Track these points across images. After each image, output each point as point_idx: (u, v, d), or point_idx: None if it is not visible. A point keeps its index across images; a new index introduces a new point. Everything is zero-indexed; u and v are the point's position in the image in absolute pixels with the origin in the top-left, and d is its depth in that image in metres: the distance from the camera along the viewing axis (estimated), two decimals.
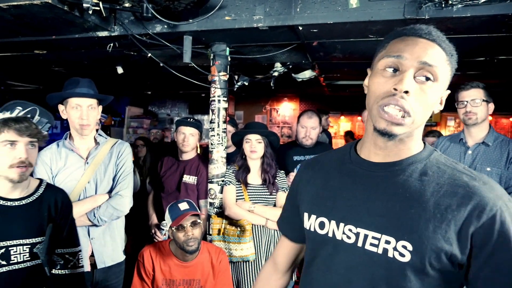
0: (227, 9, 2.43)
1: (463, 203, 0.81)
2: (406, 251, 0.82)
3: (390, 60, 0.86)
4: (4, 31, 2.71)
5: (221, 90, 2.84)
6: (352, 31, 2.53)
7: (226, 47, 2.87)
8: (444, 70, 0.86)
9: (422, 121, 0.87)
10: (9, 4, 2.08)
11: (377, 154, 0.93)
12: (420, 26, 0.88)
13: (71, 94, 2.03)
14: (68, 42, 2.94)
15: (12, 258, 1.47)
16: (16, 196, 1.53)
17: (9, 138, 1.43)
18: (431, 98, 0.85)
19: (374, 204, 0.89)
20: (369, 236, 0.87)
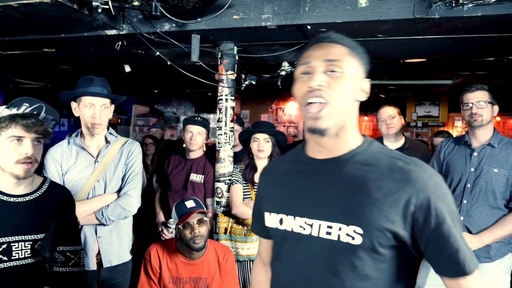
0: (235, 8, 2.43)
1: (401, 186, 0.92)
2: (357, 235, 0.92)
3: (302, 68, 1.00)
4: (14, 30, 2.73)
5: (229, 89, 2.84)
6: (361, 30, 2.52)
7: (233, 46, 2.87)
8: (349, 61, 0.98)
9: (344, 110, 0.98)
10: (19, 2, 2.09)
11: (320, 151, 1.03)
12: (321, 35, 1.04)
13: (85, 92, 2.02)
14: (76, 40, 2.95)
15: (13, 254, 1.46)
16: (20, 193, 1.53)
17: (16, 134, 1.43)
18: (344, 87, 0.96)
19: (324, 196, 0.99)
20: (323, 225, 0.97)
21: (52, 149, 2.11)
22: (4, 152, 1.44)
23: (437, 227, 0.90)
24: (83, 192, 2.07)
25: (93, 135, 2.10)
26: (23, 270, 1.46)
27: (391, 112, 2.92)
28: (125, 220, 2.20)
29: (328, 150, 1.01)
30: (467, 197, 2.20)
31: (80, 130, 2.16)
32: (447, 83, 5.20)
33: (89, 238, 2.09)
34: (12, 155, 1.44)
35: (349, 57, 0.99)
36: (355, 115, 1.02)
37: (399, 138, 2.97)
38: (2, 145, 1.44)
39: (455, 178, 2.27)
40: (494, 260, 2.15)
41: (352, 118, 1.01)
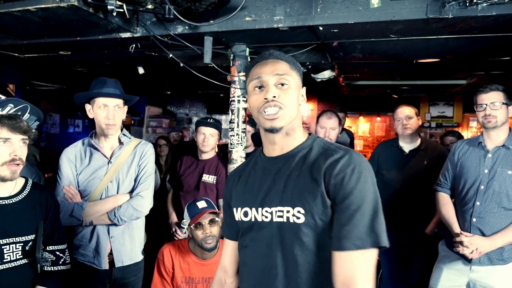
0: (247, 10, 2.44)
1: (326, 165, 1.09)
2: (300, 215, 1.08)
3: (255, 82, 1.17)
4: (31, 33, 2.80)
5: (241, 91, 2.85)
6: (373, 31, 2.52)
7: (246, 48, 2.89)
8: (291, 74, 1.17)
9: (294, 114, 1.16)
10: (37, 6, 2.15)
11: (274, 150, 1.21)
12: (264, 53, 1.22)
13: (98, 93, 2.04)
14: (91, 43, 3.01)
15: (5, 256, 1.47)
16: (5, 195, 1.52)
17: (3, 136, 1.42)
18: (292, 95, 1.15)
19: (277, 187, 1.15)
20: (276, 210, 1.13)
21: (67, 150, 2.15)
22: None
23: (343, 198, 1.04)
24: (97, 193, 2.10)
25: (107, 136, 2.12)
26: (15, 272, 1.47)
27: (408, 112, 2.88)
28: (138, 221, 2.22)
29: (280, 148, 1.19)
30: (480, 199, 2.17)
31: (94, 131, 2.19)
32: (461, 83, 5.13)
33: (102, 238, 2.11)
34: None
35: (291, 70, 1.18)
36: (299, 117, 1.21)
37: (415, 139, 2.94)
38: None
39: (468, 179, 2.25)
40: (508, 263, 2.12)
41: (297, 119, 1.19)
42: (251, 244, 1.20)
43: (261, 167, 1.23)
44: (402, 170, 2.91)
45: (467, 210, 2.22)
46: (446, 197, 2.42)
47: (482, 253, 2.11)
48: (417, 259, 2.99)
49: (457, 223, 2.27)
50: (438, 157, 2.84)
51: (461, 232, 2.20)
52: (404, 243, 2.93)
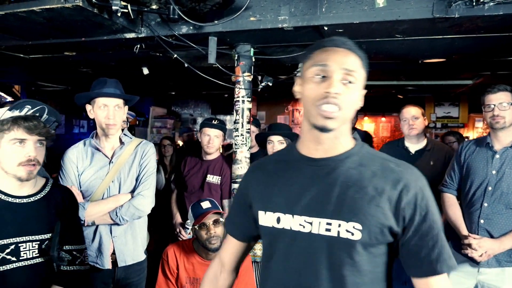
0: (252, 10, 2.43)
1: (394, 185, 0.99)
2: (356, 231, 0.97)
3: (318, 68, 1.01)
4: (36, 34, 2.81)
5: (245, 91, 2.85)
6: (378, 30, 2.50)
7: (250, 48, 2.88)
8: (360, 73, 1.03)
9: (349, 117, 1.04)
10: (42, 7, 2.15)
11: (317, 150, 1.07)
12: (337, 38, 1.07)
13: (98, 94, 2.05)
14: (96, 43, 3.01)
15: (21, 254, 1.48)
16: (24, 194, 1.54)
17: (19, 136, 1.44)
18: (354, 97, 1.02)
19: (322, 194, 1.02)
20: (323, 223, 1.00)
21: (69, 151, 2.16)
22: (7, 155, 1.45)
23: (420, 223, 0.98)
24: (98, 193, 2.11)
25: (108, 136, 2.13)
26: (31, 270, 1.48)
27: (415, 112, 2.86)
28: (140, 220, 2.23)
29: (325, 149, 1.06)
30: (488, 200, 2.15)
31: (95, 132, 2.20)
32: (467, 83, 5.09)
33: (104, 238, 2.12)
34: (15, 158, 1.44)
35: (361, 69, 1.04)
36: (351, 120, 1.08)
37: (421, 139, 2.92)
38: (5, 148, 1.44)
39: (476, 180, 2.23)
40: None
41: (349, 123, 1.07)
42: (281, 258, 1.07)
43: (297, 167, 1.09)
44: None
45: (474, 212, 2.20)
46: (452, 198, 2.40)
47: (491, 255, 2.09)
48: None
49: (464, 225, 2.25)
50: (444, 157, 2.82)
51: (469, 234, 2.18)
52: None
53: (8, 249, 1.45)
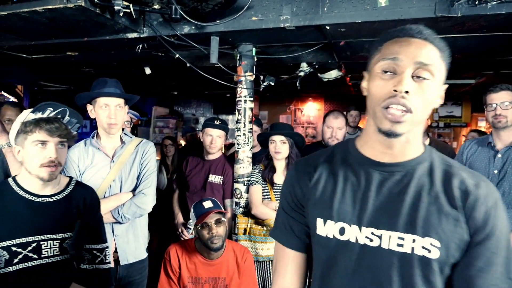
0: (254, 9, 2.43)
1: (468, 197, 0.88)
2: (433, 248, 0.85)
3: (387, 63, 0.88)
4: (39, 34, 2.81)
5: (247, 90, 2.85)
6: (381, 30, 2.48)
7: (252, 48, 2.88)
8: (439, 67, 0.89)
9: (423, 118, 0.90)
10: (44, 7, 2.16)
11: (385, 154, 0.94)
12: (410, 26, 0.91)
13: (100, 93, 2.07)
14: (98, 43, 3.02)
15: (43, 252, 1.51)
16: (47, 193, 1.57)
17: (40, 138, 1.47)
18: (430, 95, 0.88)
19: (392, 204, 0.90)
20: (394, 236, 0.88)
21: (70, 150, 2.16)
22: (30, 156, 1.49)
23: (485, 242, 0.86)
24: (100, 191, 2.11)
25: (109, 135, 2.15)
26: (52, 268, 1.51)
27: None
28: (141, 219, 2.24)
29: (394, 154, 0.92)
30: None
31: (96, 131, 2.22)
32: (470, 83, 5.07)
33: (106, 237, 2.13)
34: (36, 159, 1.48)
35: (440, 61, 0.90)
36: (425, 121, 0.99)
37: (424, 139, 2.92)
38: (28, 149, 1.49)
39: None
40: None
41: (422, 124, 0.93)
42: (344, 274, 0.92)
43: (362, 172, 0.95)
44: None
45: None
46: None
47: None
48: None
49: None
50: None
51: None
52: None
53: (30, 247, 1.49)
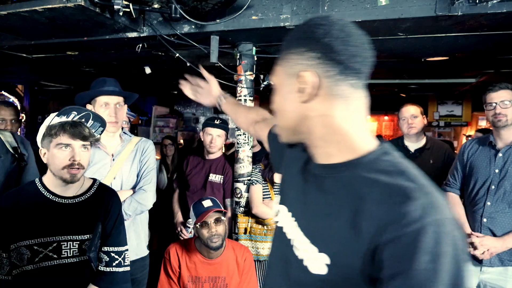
0: (254, 8, 2.43)
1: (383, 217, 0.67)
2: (323, 264, 0.74)
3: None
4: (39, 34, 2.81)
5: (248, 90, 2.84)
6: (381, 29, 2.49)
7: (252, 47, 2.88)
8: (278, 75, 0.85)
9: (287, 122, 0.84)
10: (44, 7, 2.16)
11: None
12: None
13: (100, 92, 2.09)
14: (98, 43, 3.02)
15: (63, 252, 1.54)
16: (70, 194, 1.61)
17: (64, 141, 1.52)
18: (280, 99, 0.85)
19: (309, 207, 0.83)
20: (299, 236, 0.82)
21: None
22: (54, 158, 1.53)
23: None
24: None
25: (109, 134, 2.17)
26: (71, 268, 1.53)
27: (413, 111, 2.86)
28: (142, 216, 2.26)
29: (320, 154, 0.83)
30: (491, 199, 2.14)
31: None
32: (470, 82, 5.07)
33: None
34: (60, 161, 1.53)
35: (281, 73, 0.85)
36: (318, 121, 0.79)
37: (421, 138, 2.92)
38: (52, 152, 1.53)
39: (479, 179, 2.22)
40: None
41: (318, 127, 0.79)
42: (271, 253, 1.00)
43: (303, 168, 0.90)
44: None
45: (477, 210, 2.19)
46: (455, 198, 2.39)
47: (493, 254, 2.08)
48: None
49: (467, 224, 2.24)
50: (444, 156, 2.81)
51: (472, 232, 2.17)
52: None
53: (51, 247, 1.53)
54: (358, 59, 0.76)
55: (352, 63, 0.76)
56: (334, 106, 0.77)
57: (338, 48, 0.75)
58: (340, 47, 0.75)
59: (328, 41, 0.75)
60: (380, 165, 0.75)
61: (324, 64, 0.76)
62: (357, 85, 0.78)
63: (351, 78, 0.77)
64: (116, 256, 1.68)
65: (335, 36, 0.76)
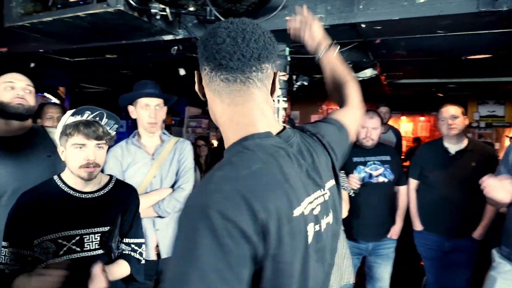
0: (288, 9, 2.42)
1: None
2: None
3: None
4: (80, 38, 2.93)
5: (281, 90, 2.84)
6: (418, 27, 2.42)
7: (286, 47, 2.87)
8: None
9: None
10: (86, 12, 2.25)
11: None
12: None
13: (142, 94, 2.19)
14: (136, 46, 3.11)
15: (85, 245, 1.60)
16: (89, 190, 1.67)
17: (79, 142, 1.56)
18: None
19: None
20: None
21: (113, 149, 2.27)
22: (70, 158, 1.59)
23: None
24: (142, 187, 2.21)
25: (149, 134, 2.25)
26: (93, 260, 1.57)
27: (454, 111, 2.75)
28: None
29: None
30: None
31: (137, 131, 2.33)
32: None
33: (149, 231, 2.22)
34: (76, 161, 1.58)
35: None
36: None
37: (462, 139, 2.81)
38: (68, 151, 1.59)
39: None
40: None
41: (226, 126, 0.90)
42: None
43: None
44: (447, 172, 2.78)
45: None
46: None
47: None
48: (464, 265, 2.85)
49: None
50: (487, 159, 2.69)
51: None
52: (450, 247, 2.81)
53: (74, 240, 1.58)
54: (223, 54, 0.82)
55: (219, 59, 0.82)
56: (214, 100, 0.89)
57: (205, 47, 0.85)
58: (206, 46, 0.84)
59: (200, 43, 0.87)
60: (226, 158, 0.82)
61: (201, 63, 0.88)
62: (232, 80, 0.84)
63: (223, 73, 0.84)
64: (136, 247, 1.75)
65: (204, 37, 0.86)
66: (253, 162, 0.77)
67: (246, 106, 0.86)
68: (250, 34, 0.83)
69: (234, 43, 0.82)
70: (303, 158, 0.89)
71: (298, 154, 0.89)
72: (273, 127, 0.89)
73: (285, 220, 0.72)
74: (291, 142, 0.90)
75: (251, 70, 0.84)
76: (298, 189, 0.80)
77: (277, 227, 0.70)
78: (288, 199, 0.75)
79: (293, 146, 0.90)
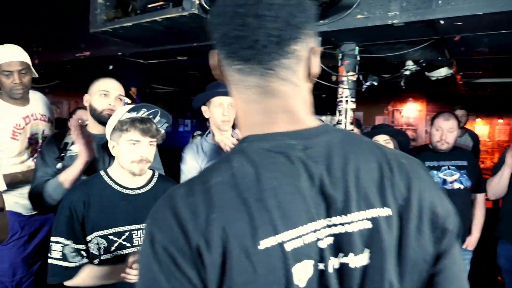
0: (359, 7, 2.36)
1: None
2: None
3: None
4: (155, 41, 3.10)
5: (349, 91, 2.78)
6: (504, 21, 2.23)
7: (355, 47, 2.80)
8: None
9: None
10: (163, 17, 2.37)
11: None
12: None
13: (216, 93, 2.27)
14: (205, 48, 3.19)
15: (134, 241, 1.66)
16: (137, 186, 1.73)
17: (134, 138, 1.62)
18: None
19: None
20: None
21: (189, 146, 2.38)
22: (124, 152, 1.65)
23: None
24: None
25: (222, 132, 2.31)
26: None
27: None
28: None
29: None
30: None
31: (210, 130, 2.40)
32: None
33: None
34: (129, 156, 1.64)
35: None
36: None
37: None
38: (122, 146, 1.64)
39: None
40: None
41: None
42: None
43: None
44: None
45: None
46: None
47: None
48: None
49: None
50: None
51: None
52: None
53: (124, 236, 1.65)
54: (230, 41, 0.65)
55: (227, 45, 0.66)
56: (232, 92, 0.72)
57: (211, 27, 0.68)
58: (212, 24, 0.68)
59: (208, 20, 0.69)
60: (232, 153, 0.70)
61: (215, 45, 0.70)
62: (248, 71, 0.67)
63: (234, 63, 0.67)
64: None
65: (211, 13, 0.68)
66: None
67: (263, 104, 0.69)
68: (265, 7, 0.62)
69: (244, 22, 0.63)
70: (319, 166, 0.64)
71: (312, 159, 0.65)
72: (299, 123, 0.69)
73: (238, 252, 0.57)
74: (311, 142, 0.67)
75: (271, 58, 0.65)
76: (287, 211, 0.60)
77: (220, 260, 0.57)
78: (251, 225, 0.58)
79: (312, 148, 0.66)
